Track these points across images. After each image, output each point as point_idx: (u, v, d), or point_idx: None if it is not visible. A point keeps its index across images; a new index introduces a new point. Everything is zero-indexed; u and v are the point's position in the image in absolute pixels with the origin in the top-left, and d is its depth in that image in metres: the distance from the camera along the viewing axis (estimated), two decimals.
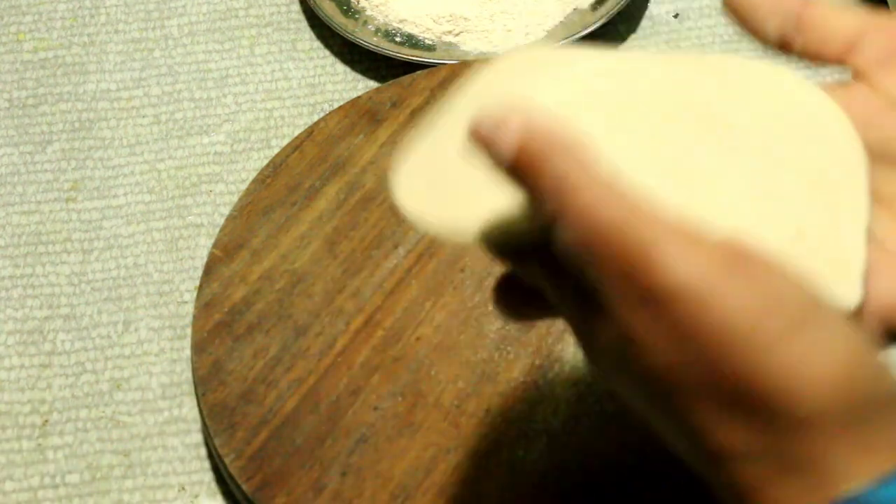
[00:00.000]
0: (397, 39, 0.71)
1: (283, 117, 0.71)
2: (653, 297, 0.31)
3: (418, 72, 0.66)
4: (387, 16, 0.73)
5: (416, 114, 0.64)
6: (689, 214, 0.34)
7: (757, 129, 0.37)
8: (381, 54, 0.70)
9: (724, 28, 0.73)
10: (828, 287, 0.34)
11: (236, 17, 0.76)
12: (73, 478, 0.58)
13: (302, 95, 0.72)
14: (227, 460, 0.53)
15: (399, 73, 0.67)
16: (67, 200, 0.68)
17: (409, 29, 0.72)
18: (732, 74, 0.38)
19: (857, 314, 0.34)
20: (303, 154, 0.63)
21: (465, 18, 0.72)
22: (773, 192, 0.35)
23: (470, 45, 0.71)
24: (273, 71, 0.73)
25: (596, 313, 0.33)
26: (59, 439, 0.59)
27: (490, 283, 0.57)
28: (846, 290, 0.34)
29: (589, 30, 0.70)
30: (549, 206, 0.32)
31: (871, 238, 0.35)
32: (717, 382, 0.31)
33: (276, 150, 0.66)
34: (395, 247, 0.59)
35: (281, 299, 0.57)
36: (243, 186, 0.66)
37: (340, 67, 0.73)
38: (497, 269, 0.56)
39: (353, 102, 0.65)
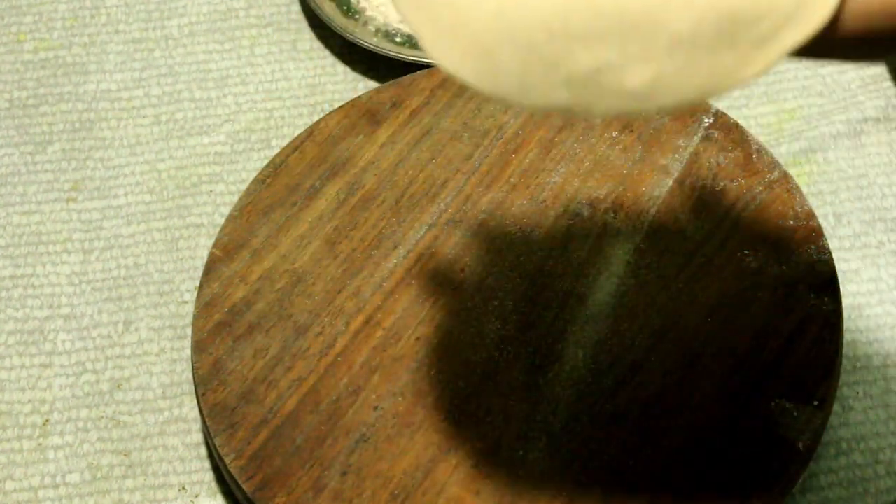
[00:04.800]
0: (397, 39, 0.71)
1: (283, 117, 0.71)
2: None
3: (418, 72, 0.66)
4: (387, 16, 0.73)
5: (416, 114, 0.64)
6: None
7: None
8: (381, 54, 0.70)
9: None
10: None
11: (236, 17, 0.76)
12: (74, 477, 0.58)
13: (302, 95, 0.72)
14: (227, 460, 0.53)
15: (399, 74, 0.67)
16: (68, 200, 0.68)
17: (409, 29, 0.72)
18: None
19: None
20: (303, 154, 0.63)
21: None
22: None
23: None
24: (273, 71, 0.73)
25: None
26: (59, 439, 0.59)
27: (490, 282, 0.57)
28: None
29: None
30: None
31: None
32: None
33: (277, 151, 0.66)
34: (395, 247, 0.59)
35: (281, 299, 0.57)
36: (243, 186, 0.66)
37: (340, 68, 0.73)
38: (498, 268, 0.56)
39: (353, 102, 0.65)
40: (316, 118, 0.68)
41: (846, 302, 0.60)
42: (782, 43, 0.34)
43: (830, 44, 0.35)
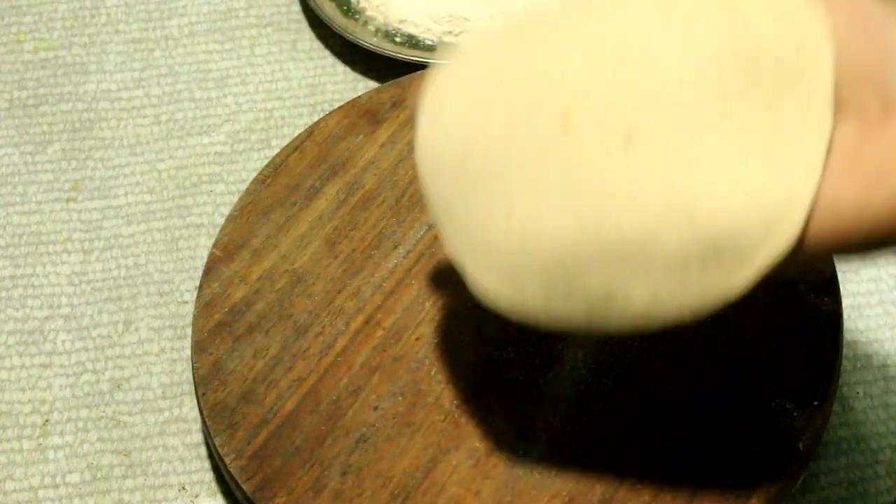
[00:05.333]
0: (397, 40, 0.71)
1: (283, 117, 0.71)
2: None
3: (418, 72, 0.66)
4: (387, 16, 0.73)
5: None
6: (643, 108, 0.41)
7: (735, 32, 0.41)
8: (381, 54, 0.70)
9: None
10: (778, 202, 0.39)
11: (236, 17, 0.76)
12: (74, 477, 0.58)
13: (302, 95, 0.72)
14: (227, 460, 0.53)
15: (399, 73, 0.67)
16: (68, 200, 0.68)
17: (409, 29, 0.72)
18: None
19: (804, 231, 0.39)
20: (303, 154, 0.63)
21: (465, 18, 0.72)
22: (739, 99, 0.41)
23: None
24: (273, 71, 0.73)
25: None
26: (59, 439, 0.59)
27: None
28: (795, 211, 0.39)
29: None
30: None
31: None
32: None
33: (277, 151, 0.66)
34: (395, 247, 0.59)
35: (281, 299, 0.57)
36: (243, 186, 0.66)
37: (340, 67, 0.73)
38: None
39: (353, 102, 0.65)
40: (316, 118, 0.68)
41: (846, 302, 0.60)
42: (758, 261, 0.40)
43: (809, 254, 0.40)
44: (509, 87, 0.44)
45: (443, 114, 0.46)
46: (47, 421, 0.60)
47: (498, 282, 0.45)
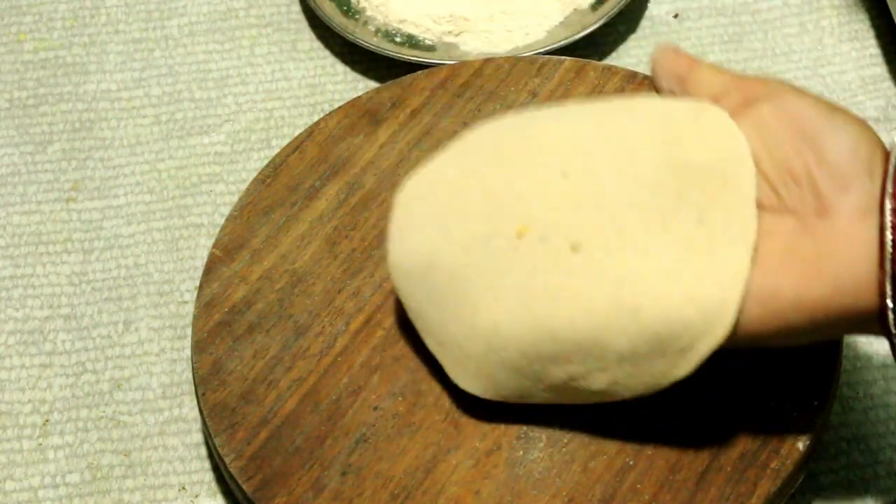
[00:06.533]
0: (397, 40, 0.71)
1: (283, 117, 0.71)
2: None
3: (418, 72, 0.66)
4: (387, 16, 0.73)
5: (416, 114, 0.64)
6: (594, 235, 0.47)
7: (672, 166, 0.47)
8: (381, 54, 0.70)
9: (724, 28, 0.73)
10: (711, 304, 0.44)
11: (237, 17, 0.76)
12: (74, 477, 0.58)
13: (302, 95, 0.72)
14: (227, 460, 0.53)
15: (399, 73, 0.67)
16: (68, 200, 0.68)
17: (409, 29, 0.72)
18: (655, 114, 0.49)
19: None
20: (303, 154, 0.63)
21: (465, 18, 0.72)
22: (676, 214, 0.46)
23: (470, 45, 0.71)
24: (273, 71, 0.73)
25: None
26: (59, 439, 0.59)
27: None
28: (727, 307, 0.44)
29: (588, 30, 0.70)
30: None
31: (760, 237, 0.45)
32: None
33: (277, 150, 0.66)
34: None
35: (281, 299, 0.57)
36: (243, 186, 0.66)
37: (340, 67, 0.73)
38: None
39: (353, 102, 0.65)
40: (316, 118, 0.68)
41: None
42: (699, 351, 0.45)
43: (752, 341, 0.46)
44: (468, 205, 0.50)
45: (411, 228, 0.52)
46: (47, 421, 0.60)
47: (472, 378, 0.51)
